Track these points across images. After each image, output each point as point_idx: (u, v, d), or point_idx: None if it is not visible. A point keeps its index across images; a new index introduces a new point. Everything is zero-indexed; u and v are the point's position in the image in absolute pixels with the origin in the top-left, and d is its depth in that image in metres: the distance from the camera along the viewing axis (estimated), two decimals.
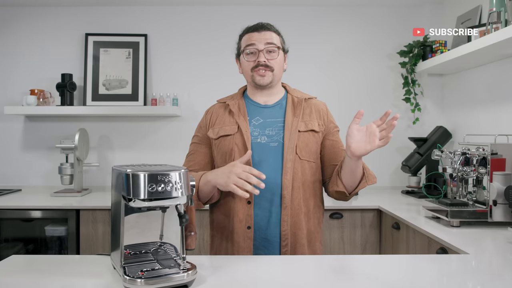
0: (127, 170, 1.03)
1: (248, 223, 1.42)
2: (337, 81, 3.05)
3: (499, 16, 2.04)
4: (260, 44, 1.47)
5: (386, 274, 1.18)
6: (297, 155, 1.44)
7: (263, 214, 1.42)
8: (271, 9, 3.04)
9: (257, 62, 1.47)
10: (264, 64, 1.46)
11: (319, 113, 1.54)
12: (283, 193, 1.42)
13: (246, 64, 1.51)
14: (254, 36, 1.48)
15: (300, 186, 1.45)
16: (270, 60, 1.48)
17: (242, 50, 1.51)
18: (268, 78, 1.48)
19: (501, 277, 1.18)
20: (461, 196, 1.97)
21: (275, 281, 1.10)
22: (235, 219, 1.44)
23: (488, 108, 2.46)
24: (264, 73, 1.47)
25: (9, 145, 3.03)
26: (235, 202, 1.44)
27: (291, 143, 1.44)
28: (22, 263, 1.25)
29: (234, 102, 1.54)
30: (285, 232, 1.42)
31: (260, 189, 1.30)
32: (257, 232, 1.43)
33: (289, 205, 1.42)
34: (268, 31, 1.49)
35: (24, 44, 3.04)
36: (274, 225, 1.43)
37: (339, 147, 1.54)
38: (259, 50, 1.47)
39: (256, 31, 1.49)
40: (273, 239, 1.43)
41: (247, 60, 1.50)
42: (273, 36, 1.49)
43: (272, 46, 1.48)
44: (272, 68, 1.48)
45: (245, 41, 1.51)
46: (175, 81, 3.05)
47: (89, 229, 2.37)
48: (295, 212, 1.44)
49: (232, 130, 1.48)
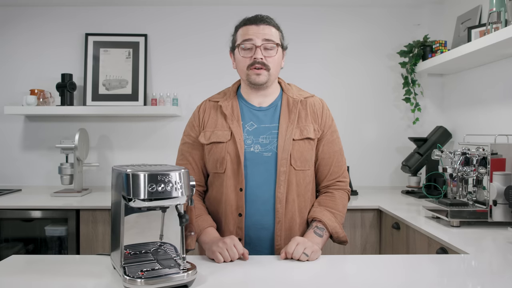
0: (127, 170, 1.03)
1: (239, 235, 1.37)
2: (337, 81, 3.05)
3: (499, 16, 2.04)
4: (258, 39, 1.36)
5: (386, 274, 1.18)
6: (291, 166, 1.37)
7: (255, 227, 1.37)
8: (271, 9, 3.03)
9: (253, 59, 1.37)
10: (260, 62, 1.37)
11: (315, 115, 1.45)
12: (276, 207, 1.36)
13: (241, 60, 1.40)
14: (252, 30, 1.38)
15: (295, 198, 1.39)
16: (268, 57, 1.37)
17: (238, 44, 1.40)
18: (264, 77, 1.38)
19: (501, 277, 1.18)
20: (461, 196, 1.96)
21: (275, 281, 1.10)
22: (226, 230, 1.39)
23: (488, 108, 2.46)
24: (260, 71, 1.37)
25: (9, 145, 3.03)
26: (226, 213, 1.39)
27: (285, 153, 1.36)
28: (22, 263, 1.25)
29: (227, 103, 1.45)
30: (279, 247, 1.38)
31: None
32: (248, 245, 1.37)
33: (283, 219, 1.37)
34: (267, 25, 1.39)
35: (24, 44, 3.03)
36: (267, 239, 1.38)
37: (330, 151, 1.46)
38: (256, 46, 1.36)
39: (255, 24, 1.38)
40: (264, 252, 1.38)
41: (243, 56, 1.39)
42: (272, 32, 1.39)
43: (270, 43, 1.37)
44: (268, 67, 1.38)
45: (242, 35, 1.40)
46: (175, 81, 3.05)
47: (89, 229, 2.36)
48: (289, 225, 1.39)
49: (224, 136, 1.39)
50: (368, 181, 2.98)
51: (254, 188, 1.38)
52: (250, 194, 1.37)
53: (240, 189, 1.37)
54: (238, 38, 1.43)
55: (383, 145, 3.03)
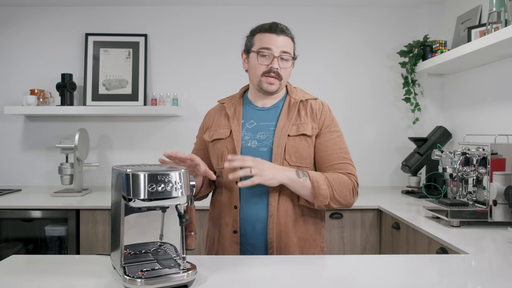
0: (127, 170, 1.03)
1: (234, 227, 1.42)
2: (337, 80, 3.05)
3: (499, 16, 2.04)
4: (277, 49, 1.42)
5: (386, 274, 1.18)
6: (285, 160, 1.40)
7: (249, 219, 1.41)
8: (271, 9, 3.04)
9: (270, 67, 1.42)
10: (276, 72, 1.43)
11: (314, 114, 1.47)
12: (269, 201, 1.39)
13: (257, 66, 1.45)
14: (272, 39, 1.42)
15: (289, 193, 1.40)
16: (283, 69, 1.44)
17: (257, 50, 1.44)
18: (276, 86, 1.45)
19: (501, 277, 1.18)
20: (461, 196, 1.97)
21: (275, 281, 1.10)
22: (222, 222, 1.44)
23: (488, 108, 2.46)
24: (273, 81, 1.44)
25: (9, 145, 3.03)
26: (223, 207, 1.45)
27: (279, 149, 1.40)
28: (22, 263, 1.25)
29: (231, 105, 1.53)
30: (271, 241, 1.39)
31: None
32: (243, 237, 1.41)
33: (275, 213, 1.39)
34: (286, 37, 1.44)
35: (24, 44, 3.04)
36: (261, 232, 1.40)
37: (328, 150, 1.45)
38: (275, 56, 1.42)
39: (275, 33, 1.43)
40: (259, 245, 1.41)
41: (260, 63, 1.44)
42: (289, 43, 1.45)
43: (287, 55, 1.44)
44: (281, 77, 1.44)
45: (261, 41, 1.44)
46: (175, 81, 3.05)
47: (89, 229, 2.37)
48: (283, 220, 1.40)
49: (224, 134, 1.48)
50: (368, 181, 2.98)
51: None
52: (245, 188, 1.40)
53: (236, 182, 1.40)
54: (256, 43, 1.46)
55: (383, 145, 3.03)
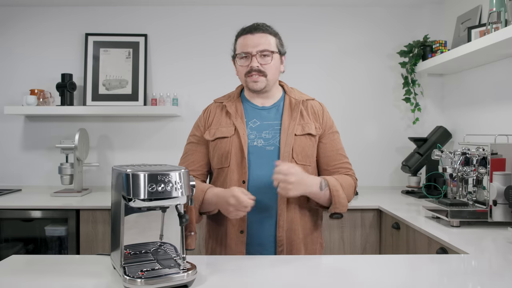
0: (127, 170, 1.03)
1: (241, 227, 1.40)
2: (337, 80, 3.05)
3: (499, 16, 2.04)
4: (253, 48, 1.42)
5: (386, 274, 1.18)
6: (293, 159, 1.41)
7: (257, 218, 1.40)
8: (271, 9, 3.03)
9: (249, 67, 1.43)
10: (257, 69, 1.43)
11: (316, 115, 1.51)
12: (278, 201, 1.39)
13: (239, 69, 1.48)
14: (248, 40, 1.44)
15: None
16: (264, 65, 1.43)
17: (236, 54, 1.48)
18: (262, 83, 1.44)
19: (501, 277, 1.18)
20: (461, 196, 1.97)
21: (275, 281, 1.10)
22: (228, 222, 1.42)
23: (488, 108, 2.46)
24: (257, 78, 1.43)
25: (9, 145, 3.03)
26: None
27: (287, 147, 1.41)
28: (22, 263, 1.25)
29: (231, 103, 1.51)
30: (281, 238, 1.40)
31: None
32: (250, 237, 1.40)
33: (285, 210, 1.40)
34: (263, 33, 1.44)
35: (24, 44, 3.04)
36: (269, 230, 1.40)
37: (333, 150, 1.50)
38: (252, 54, 1.42)
39: (250, 33, 1.44)
40: (267, 244, 1.40)
41: (240, 65, 1.47)
42: (267, 39, 1.44)
43: (266, 51, 1.43)
44: (265, 73, 1.44)
45: (239, 45, 1.47)
46: (175, 81, 3.05)
47: (89, 229, 2.37)
48: (291, 217, 1.41)
49: (229, 132, 1.45)
50: (368, 181, 2.98)
51: (257, 180, 1.40)
52: (253, 186, 1.40)
53: (243, 181, 1.40)
54: (237, 48, 1.49)
55: (383, 145, 3.03)
